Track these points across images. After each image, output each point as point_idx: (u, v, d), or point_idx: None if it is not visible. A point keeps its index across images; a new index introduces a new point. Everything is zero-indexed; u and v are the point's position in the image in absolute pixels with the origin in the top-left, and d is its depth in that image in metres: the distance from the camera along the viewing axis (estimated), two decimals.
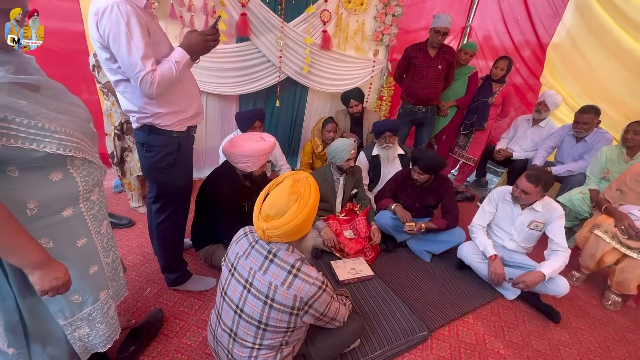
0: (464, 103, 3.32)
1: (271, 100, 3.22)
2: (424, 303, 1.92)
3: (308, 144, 3.08)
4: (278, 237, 1.08)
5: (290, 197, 1.06)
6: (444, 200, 2.27)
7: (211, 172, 1.84)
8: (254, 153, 1.66)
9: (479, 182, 3.85)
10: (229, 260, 1.18)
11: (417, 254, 2.36)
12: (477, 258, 2.09)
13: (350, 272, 2.03)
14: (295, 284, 1.05)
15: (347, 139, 2.32)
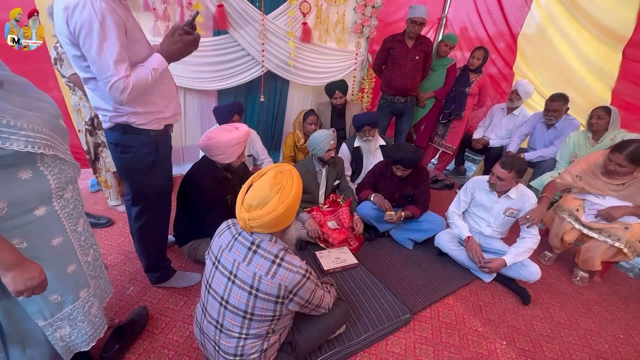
0: (442, 94, 3.38)
1: (252, 94, 3.19)
2: (407, 288, 1.97)
3: (290, 137, 3.07)
4: (260, 227, 1.08)
5: (273, 188, 1.06)
6: (418, 190, 2.33)
7: (192, 166, 1.82)
8: (228, 143, 1.64)
9: (458, 170, 3.94)
10: (212, 253, 1.18)
11: (400, 242, 2.42)
12: (453, 246, 2.16)
13: (334, 262, 2.05)
14: (279, 273, 1.06)
15: (326, 130, 2.33)
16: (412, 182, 2.35)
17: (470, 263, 2.14)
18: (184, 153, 3.12)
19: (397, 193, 2.40)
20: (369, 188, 2.46)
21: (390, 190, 2.41)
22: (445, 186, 3.55)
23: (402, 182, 2.36)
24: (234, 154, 1.70)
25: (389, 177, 2.39)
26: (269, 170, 1.13)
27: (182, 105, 2.85)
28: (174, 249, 2.10)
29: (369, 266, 2.13)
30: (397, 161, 2.22)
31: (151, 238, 1.60)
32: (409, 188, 2.36)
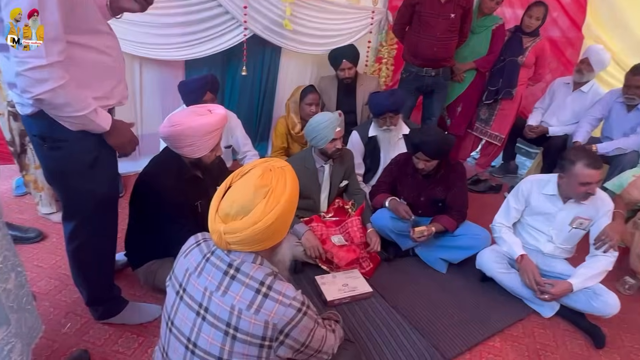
0: (485, 65, 3.36)
1: (231, 66, 3.19)
2: (438, 325, 1.96)
3: (281, 123, 3.07)
4: (239, 244, 1.06)
5: (258, 192, 1.05)
6: (452, 192, 2.32)
7: (149, 162, 1.81)
8: (199, 130, 1.63)
9: (507, 166, 3.94)
10: (175, 279, 1.16)
11: (430, 264, 2.41)
12: (500, 268, 2.15)
13: (341, 290, 2.05)
14: (265, 306, 1.05)
15: (330, 113, 2.32)
16: (443, 181, 2.34)
17: (524, 291, 2.12)
18: (140, 145, 3.11)
19: (423, 196, 2.38)
20: (385, 190, 2.45)
21: (413, 192, 2.39)
22: (490, 188, 3.55)
23: (428, 181, 2.34)
24: (206, 146, 1.70)
25: (411, 174, 2.38)
26: (253, 167, 1.12)
27: (139, 81, 2.85)
28: (126, 273, 2.09)
29: (388, 296, 2.12)
30: (417, 147, 2.20)
31: (92, 263, 1.58)
32: (439, 190, 2.35)
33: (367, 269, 2.27)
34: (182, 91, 2.41)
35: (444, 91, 3.33)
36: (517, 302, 2.17)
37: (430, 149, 2.17)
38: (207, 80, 2.35)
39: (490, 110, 3.55)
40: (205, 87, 2.34)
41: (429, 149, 2.17)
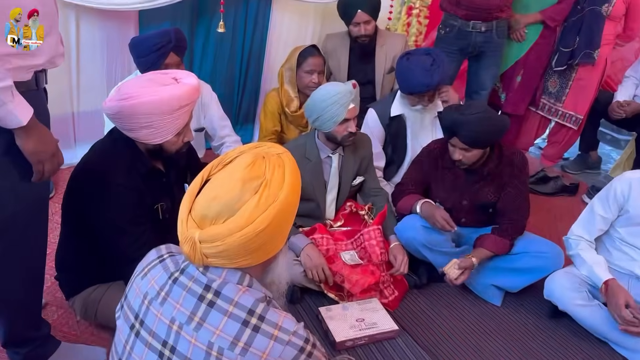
0: (556, 16, 3.35)
1: (203, 21, 3.18)
2: None
3: (273, 97, 3.07)
4: (220, 257, 1.06)
5: (247, 185, 1.06)
6: (507, 195, 2.31)
7: (90, 150, 1.82)
8: (160, 106, 1.61)
9: (586, 159, 3.92)
10: (128, 308, 1.16)
11: (477, 293, 2.41)
12: (578, 298, 2.14)
13: (355, 327, 2.05)
14: (256, 344, 1.04)
15: (340, 83, 2.31)
16: (495, 178, 2.33)
17: (610, 330, 2.11)
18: (77, 127, 3.12)
19: (466, 199, 2.38)
20: (414, 191, 2.45)
21: (453, 193, 2.39)
22: (562, 189, 3.54)
23: (474, 178, 2.34)
24: (170, 128, 1.69)
25: (450, 169, 2.37)
26: (240, 153, 1.14)
27: (75, 40, 2.86)
28: (58, 303, 2.10)
29: (419, 336, 2.12)
30: (450, 129, 2.19)
31: (11, 289, 1.57)
32: (488, 190, 2.34)
33: (391, 299, 2.26)
34: (135, 52, 2.40)
35: (499, 54, 3.32)
36: (602, 346, 2.16)
37: (468, 132, 2.14)
38: (169, 37, 2.35)
39: (563, 80, 3.53)
40: (167, 47, 2.34)
41: (466, 133, 2.15)
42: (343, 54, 3.26)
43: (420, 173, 2.46)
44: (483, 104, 2.24)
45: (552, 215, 3.26)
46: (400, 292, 2.32)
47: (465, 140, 2.17)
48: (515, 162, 2.33)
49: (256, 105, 3.66)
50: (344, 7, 3.14)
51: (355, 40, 3.20)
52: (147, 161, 1.78)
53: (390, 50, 3.20)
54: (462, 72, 3.53)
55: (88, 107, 3.07)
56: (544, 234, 2.89)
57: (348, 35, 3.25)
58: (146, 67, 2.35)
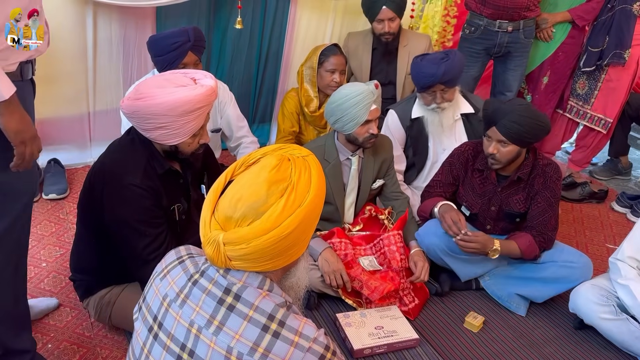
0: (586, 15, 3.32)
1: (220, 18, 3.20)
2: None
3: (292, 97, 3.08)
4: (243, 259, 1.08)
5: (273, 188, 1.08)
6: (537, 204, 2.28)
7: (107, 150, 1.84)
8: (176, 107, 1.63)
9: (616, 165, 3.86)
10: (147, 309, 1.18)
11: (501, 302, 2.39)
12: (605, 312, 2.11)
13: (374, 335, 2.04)
14: (276, 350, 1.05)
15: (361, 84, 2.31)
16: (525, 187, 2.32)
17: (639, 344, 2.08)
18: (92, 126, 3.15)
19: (494, 205, 2.37)
20: (442, 194, 2.44)
21: (481, 198, 2.38)
22: (590, 195, 3.49)
23: (503, 183, 2.32)
24: (186, 129, 1.71)
25: (480, 172, 2.36)
26: (264, 154, 1.15)
27: (92, 37, 2.89)
28: (72, 304, 2.12)
29: (440, 346, 2.12)
30: (490, 119, 2.16)
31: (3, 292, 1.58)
32: (518, 199, 2.33)
33: (411, 306, 2.25)
34: (152, 50, 2.43)
35: (525, 55, 3.29)
36: (629, 359, 2.14)
37: (510, 123, 2.10)
38: (188, 36, 2.37)
39: (591, 81, 3.49)
40: (185, 46, 2.36)
41: (507, 123, 2.11)
42: (365, 53, 3.26)
43: (450, 175, 2.44)
44: (528, 102, 2.20)
45: (580, 223, 3.22)
46: (420, 299, 2.31)
47: (505, 132, 2.13)
48: (549, 174, 2.29)
49: (273, 105, 3.66)
50: (368, 3, 3.14)
51: (378, 40, 3.20)
52: (164, 162, 1.79)
53: (414, 51, 3.18)
54: (487, 73, 3.51)
55: (104, 106, 3.11)
56: (570, 242, 2.88)
57: (371, 34, 3.25)
58: (163, 66, 2.37)
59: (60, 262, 2.37)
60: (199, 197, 1.98)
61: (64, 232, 2.59)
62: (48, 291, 2.20)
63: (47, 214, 2.72)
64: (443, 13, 3.67)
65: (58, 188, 2.87)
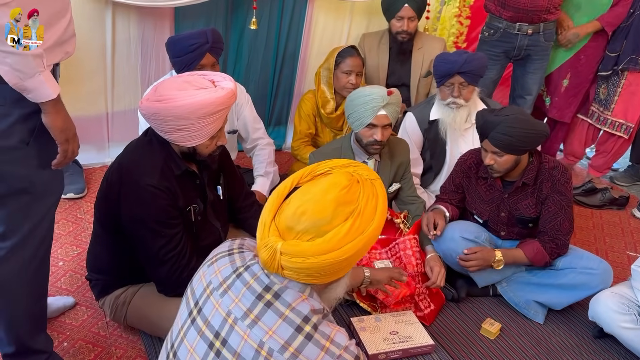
0: (614, 21, 3.27)
1: (237, 18, 3.22)
2: None
3: (309, 99, 3.09)
4: (295, 272, 1.11)
5: (340, 209, 1.11)
6: (548, 208, 2.26)
7: (125, 150, 1.86)
8: (197, 110, 1.64)
9: (637, 170, 3.83)
10: (192, 292, 1.23)
11: (518, 309, 2.38)
12: (626, 320, 2.08)
13: (389, 340, 2.04)
14: (307, 352, 1.08)
15: (378, 87, 2.32)
16: (533, 192, 2.29)
17: None
18: (111, 127, 3.19)
19: (504, 211, 2.36)
20: (448, 200, 2.46)
21: (489, 205, 2.37)
22: (611, 201, 3.46)
23: (509, 189, 2.31)
24: (205, 132, 1.72)
25: (484, 179, 2.35)
26: (332, 168, 1.19)
27: (110, 37, 2.92)
28: (88, 303, 2.15)
29: (456, 352, 2.11)
30: (483, 131, 2.15)
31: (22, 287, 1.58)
32: (527, 204, 2.31)
33: (427, 312, 2.25)
34: (171, 52, 2.46)
35: (545, 58, 3.28)
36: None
37: (500, 135, 2.09)
38: (206, 38, 2.39)
39: (611, 87, 3.45)
40: (203, 47, 2.38)
41: (497, 135, 2.10)
42: (382, 53, 3.27)
43: (452, 183, 2.46)
44: (520, 108, 2.19)
45: (600, 229, 3.19)
46: (436, 305, 2.30)
47: (496, 143, 2.13)
48: (556, 177, 2.26)
49: (289, 108, 3.67)
50: (388, 3, 3.14)
51: (394, 39, 3.20)
52: (181, 163, 1.81)
53: (428, 54, 3.18)
54: (506, 76, 3.48)
55: (122, 106, 3.14)
56: (590, 248, 2.85)
57: (387, 34, 3.25)
58: (181, 67, 2.40)
59: (76, 261, 2.40)
60: (215, 198, 1.99)
61: (81, 232, 2.62)
62: (65, 290, 2.23)
63: (65, 213, 2.76)
64: (456, 13, 3.66)
65: (76, 187, 2.91)
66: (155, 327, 1.89)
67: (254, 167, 2.77)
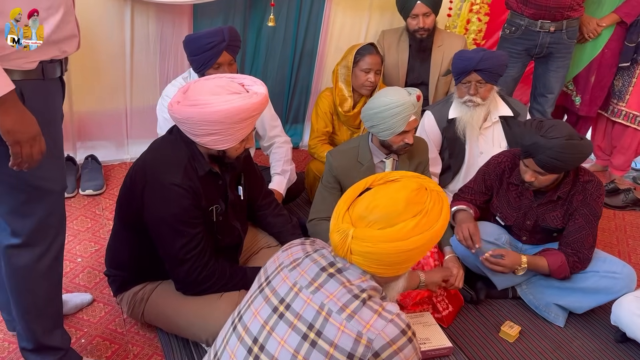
0: (632, 11, 3.25)
1: (255, 15, 3.23)
2: None
3: (326, 97, 3.07)
4: (363, 257, 1.23)
5: (410, 207, 1.24)
6: (573, 221, 2.24)
7: (149, 148, 1.87)
8: (231, 116, 1.66)
9: None
10: (264, 272, 1.38)
11: (539, 312, 2.36)
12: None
13: None
14: (362, 314, 1.18)
15: (404, 92, 2.25)
16: (564, 204, 2.27)
17: None
18: (129, 124, 3.22)
19: (530, 219, 2.33)
20: (471, 201, 2.43)
21: (517, 212, 2.35)
22: (634, 203, 3.43)
23: (540, 200, 2.28)
24: (236, 136, 1.74)
25: (516, 185, 2.32)
26: (403, 177, 1.33)
27: (129, 34, 2.95)
28: (106, 300, 2.18)
29: (475, 354, 2.11)
30: (527, 151, 2.12)
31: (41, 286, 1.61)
32: (555, 215, 2.28)
33: (445, 314, 2.24)
34: (188, 50, 2.46)
35: (568, 56, 3.25)
36: None
37: (548, 158, 2.04)
38: (222, 36, 2.39)
39: (626, 78, 3.42)
40: (220, 46, 2.38)
41: (545, 158, 2.05)
42: (402, 51, 3.25)
43: (483, 184, 2.42)
44: (567, 127, 2.10)
45: (622, 231, 3.14)
46: (455, 307, 2.28)
47: (543, 166, 2.08)
48: (589, 191, 2.22)
49: (307, 106, 3.68)
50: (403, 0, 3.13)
51: (413, 37, 3.18)
52: (205, 164, 1.82)
53: (448, 51, 3.15)
54: (527, 74, 3.45)
55: (141, 103, 3.17)
56: (612, 251, 2.82)
57: (406, 32, 3.23)
58: (199, 66, 2.41)
59: (95, 258, 2.42)
60: (236, 199, 2.00)
61: (99, 228, 2.65)
62: (83, 286, 2.26)
63: (84, 209, 2.79)
64: (476, 9, 3.62)
65: (95, 184, 2.94)
66: (173, 325, 1.91)
67: (271, 165, 2.77)
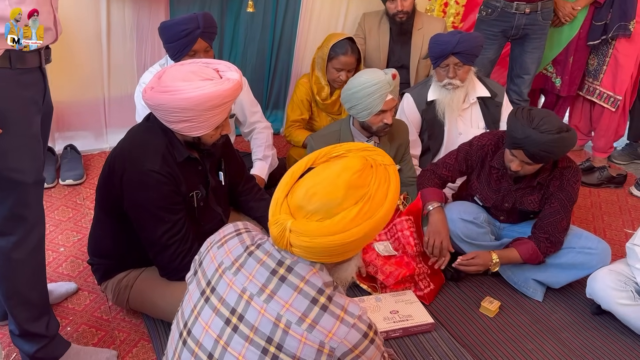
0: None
1: (233, 3, 3.20)
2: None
3: (303, 84, 3.05)
4: (303, 250, 1.14)
5: (350, 192, 1.13)
6: (549, 205, 2.27)
7: (126, 136, 1.86)
8: (203, 103, 1.63)
9: (635, 149, 3.82)
10: (202, 274, 1.24)
11: (518, 288, 2.40)
12: (622, 297, 2.11)
13: (389, 319, 2.06)
14: (323, 322, 1.11)
15: (380, 72, 2.29)
16: (542, 188, 2.30)
17: None
18: (108, 112, 3.19)
19: (508, 202, 2.35)
20: (447, 177, 2.42)
21: (495, 195, 2.36)
22: (608, 180, 3.47)
23: (520, 185, 2.31)
24: (211, 123, 1.72)
25: (497, 169, 2.34)
26: (348, 151, 1.21)
27: (105, 23, 2.91)
28: (90, 288, 2.17)
29: (455, 330, 2.13)
30: (517, 143, 2.12)
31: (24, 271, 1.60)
32: (533, 199, 2.31)
33: (426, 291, 2.27)
34: (163, 37, 2.43)
35: (543, 37, 3.27)
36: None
37: (538, 150, 2.05)
38: (197, 23, 2.35)
39: (600, 57, 3.46)
40: (195, 33, 2.35)
41: (535, 151, 2.05)
42: (382, 34, 3.25)
43: (464, 163, 2.40)
44: (556, 118, 2.09)
45: (598, 208, 3.20)
46: (436, 284, 2.32)
47: (532, 156, 2.09)
48: (566, 177, 2.25)
49: (287, 91, 3.67)
50: None
51: (393, 20, 3.18)
52: (183, 150, 1.81)
53: (428, 34, 3.12)
54: (504, 55, 3.48)
55: (119, 92, 3.14)
56: (588, 227, 2.87)
57: (386, 15, 3.22)
58: (175, 53, 2.39)
59: (77, 247, 2.42)
60: (217, 184, 2.00)
61: (81, 217, 2.64)
62: (66, 275, 2.25)
63: (64, 199, 2.77)
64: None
65: (75, 174, 2.92)
66: (159, 310, 1.92)
67: (252, 151, 2.77)
